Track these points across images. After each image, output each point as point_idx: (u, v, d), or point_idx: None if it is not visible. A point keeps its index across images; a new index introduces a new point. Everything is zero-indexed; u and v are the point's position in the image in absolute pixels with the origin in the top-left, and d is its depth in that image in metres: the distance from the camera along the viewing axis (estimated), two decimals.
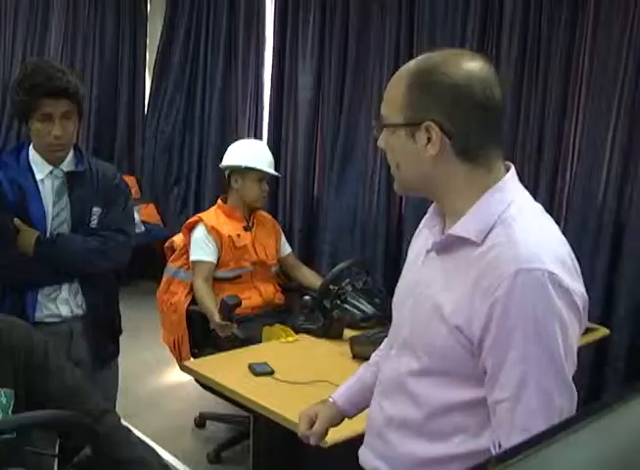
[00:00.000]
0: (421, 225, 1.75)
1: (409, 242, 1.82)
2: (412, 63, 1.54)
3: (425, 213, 1.72)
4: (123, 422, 2.13)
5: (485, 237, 1.46)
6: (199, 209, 6.20)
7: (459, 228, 1.50)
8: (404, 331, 1.64)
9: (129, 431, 2.10)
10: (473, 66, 1.49)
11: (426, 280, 1.59)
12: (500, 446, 1.45)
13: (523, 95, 4.20)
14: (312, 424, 1.92)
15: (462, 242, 1.49)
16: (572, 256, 1.53)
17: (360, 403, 1.92)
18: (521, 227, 1.46)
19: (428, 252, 1.61)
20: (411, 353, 1.60)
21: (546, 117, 4.10)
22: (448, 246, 1.54)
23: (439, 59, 1.51)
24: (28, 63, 3.08)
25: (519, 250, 1.42)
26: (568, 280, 1.43)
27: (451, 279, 1.51)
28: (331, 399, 1.96)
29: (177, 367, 4.16)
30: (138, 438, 2.10)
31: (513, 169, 1.57)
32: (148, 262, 5.75)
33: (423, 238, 1.69)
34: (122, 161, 6.81)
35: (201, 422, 4.25)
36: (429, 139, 1.48)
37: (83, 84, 2.87)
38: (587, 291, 1.50)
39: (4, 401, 1.99)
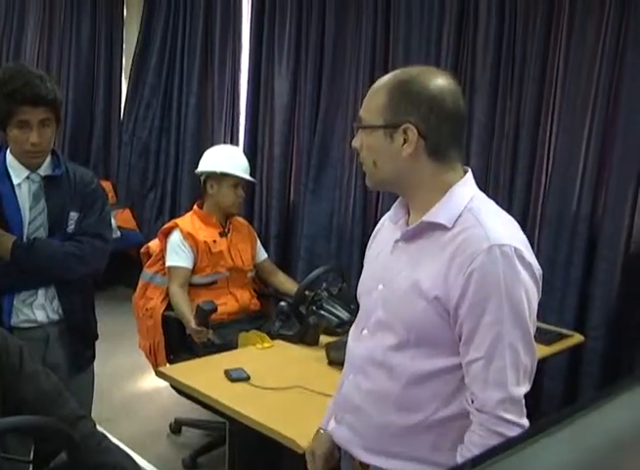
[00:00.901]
0: (379, 225, 2.01)
1: None
2: (391, 74, 1.79)
3: None
4: (99, 428, 2.13)
5: (455, 222, 1.70)
6: (174, 214, 6.18)
7: (432, 216, 1.73)
8: (377, 313, 1.82)
9: (104, 437, 2.09)
10: (444, 80, 1.75)
11: (397, 266, 1.79)
12: (474, 400, 1.67)
13: (498, 102, 4.24)
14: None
15: (433, 228, 1.73)
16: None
17: None
18: (485, 214, 1.71)
19: (396, 241, 1.82)
20: (386, 330, 1.79)
21: (521, 125, 4.14)
22: (419, 232, 1.76)
23: (416, 72, 1.76)
24: (6, 68, 3.04)
25: (488, 231, 1.66)
26: (528, 256, 1.68)
27: (425, 260, 1.73)
28: (322, 431, 2.07)
29: (153, 373, 4.15)
30: (114, 444, 2.10)
31: (470, 171, 1.82)
32: (123, 268, 5.73)
33: (387, 232, 1.92)
34: (98, 165, 6.78)
35: (176, 428, 4.24)
36: (405, 140, 1.71)
37: (60, 90, 2.86)
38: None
39: None
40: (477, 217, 1.69)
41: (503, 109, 4.24)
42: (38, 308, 2.84)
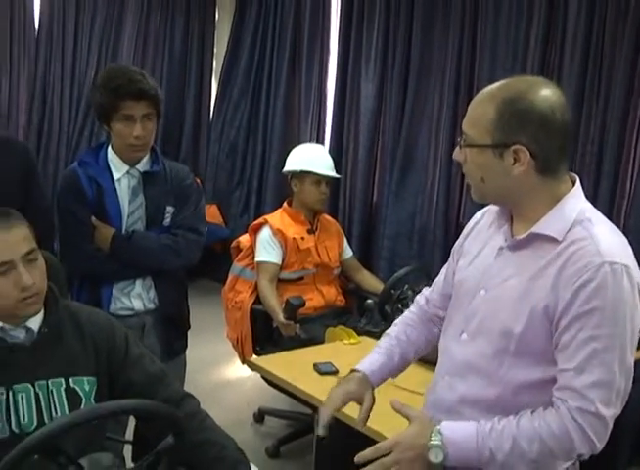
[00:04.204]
0: (474, 220, 1.97)
1: None
2: (497, 88, 1.69)
3: None
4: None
5: (565, 235, 1.64)
6: (259, 210, 6.24)
7: (542, 228, 1.67)
8: (478, 318, 1.77)
9: (207, 415, 2.11)
10: (551, 93, 1.65)
11: (502, 274, 1.74)
12: (560, 401, 1.61)
13: (584, 107, 4.14)
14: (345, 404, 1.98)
15: (542, 239, 1.67)
16: None
17: (385, 379, 2.06)
18: (597, 228, 1.64)
19: (501, 248, 1.77)
20: (487, 336, 1.74)
21: (607, 130, 4.03)
22: (527, 243, 1.70)
23: (523, 87, 1.66)
24: (110, 67, 3.13)
25: (601, 246, 1.59)
26: (636, 275, 1.62)
27: (534, 270, 1.66)
28: (361, 374, 2.00)
29: (237, 363, 4.18)
30: (215, 422, 2.10)
31: (578, 180, 1.74)
32: (209, 261, 5.77)
33: (485, 233, 1.87)
34: (187, 163, 6.82)
35: (260, 417, 4.26)
36: (515, 159, 1.64)
37: (160, 88, 2.89)
38: None
39: (87, 389, 2.01)
40: (589, 231, 1.63)
41: (589, 113, 4.13)
42: (135, 297, 2.89)
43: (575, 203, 1.69)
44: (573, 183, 1.73)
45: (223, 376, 4.88)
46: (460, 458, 1.65)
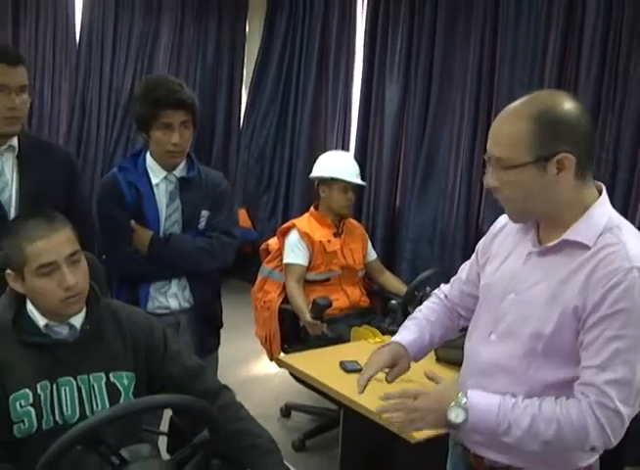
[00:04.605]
0: (498, 225, 1.95)
1: None
2: (520, 105, 1.67)
3: None
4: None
5: (595, 241, 1.65)
6: (287, 215, 6.26)
7: (573, 235, 1.67)
8: (507, 320, 1.76)
9: (241, 406, 2.13)
10: (574, 103, 1.66)
11: (531, 278, 1.74)
12: (582, 395, 1.61)
13: (599, 116, 4.13)
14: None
15: (573, 245, 1.67)
16: None
17: (417, 355, 2.06)
18: (626, 234, 1.66)
19: (530, 254, 1.76)
20: (516, 338, 1.73)
21: (622, 137, 4.02)
22: (557, 249, 1.70)
23: (548, 100, 1.67)
24: (149, 78, 3.15)
25: (630, 251, 1.61)
26: None
27: (564, 274, 1.66)
28: (399, 344, 2.02)
29: (265, 360, 4.19)
30: (249, 413, 2.13)
31: (604, 189, 1.74)
32: (238, 263, 5.77)
33: (511, 239, 1.86)
34: (218, 168, 6.78)
35: (286, 412, 4.26)
36: (558, 169, 1.63)
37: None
38: None
39: (126, 383, 2.03)
40: (618, 237, 1.64)
41: (604, 122, 4.12)
42: (171, 297, 2.91)
43: (604, 210, 1.70)
44: (599, 191, 1.73)
45: (252, 372, 4.89)
46: (478, 424, 1.68)
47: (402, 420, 1.76)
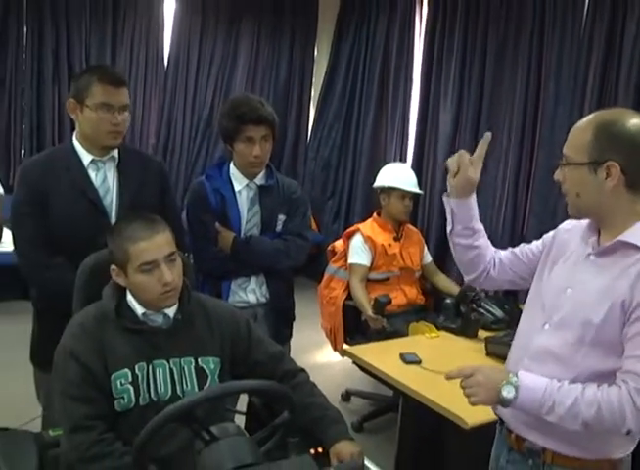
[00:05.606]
0: (563, 229, 1.94)
1: None
2: (593, 116, 1.72)
3: (543, 232, 2.01)
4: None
5: None
6: (349, 220, 6.26)
7: (627, 237, 1.68)
8: (562, 312, 1.76)
9: (314, 385, 2.21)
10: (638, 121, 1.67)
11: (587, 275, 1.74)
12: (623, 382, 1.61)
13: None
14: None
15: (627, 247, 1.68)
16: None
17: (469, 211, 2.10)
18: None
19: (589, 255, 1.77)
20: (568, 328, 1.73)
21: None
22: (613, 250, 1.71)
23: (616, 114, 1.71)
24: (234, 98, 3.20)
25: None
26: None
27: (617, 271, 1.68)
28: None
29: (329, 349, 4.20)
30: (320, 391, 2.20)
31: None
32: (306, 262, 5.79)
33: (574, 244, 1.85)
34: (286, 176, 6.91)
35: (347, 396, 4.27)
36: (607, 175, 1.66)
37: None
38: None
39: (212, 367, 2.06)
40: None
41: None
42: (250, 292, 2.93)
43: None
44: None
45: (316, 360, 4.90)
46: (526, 401, 1.67)
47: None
